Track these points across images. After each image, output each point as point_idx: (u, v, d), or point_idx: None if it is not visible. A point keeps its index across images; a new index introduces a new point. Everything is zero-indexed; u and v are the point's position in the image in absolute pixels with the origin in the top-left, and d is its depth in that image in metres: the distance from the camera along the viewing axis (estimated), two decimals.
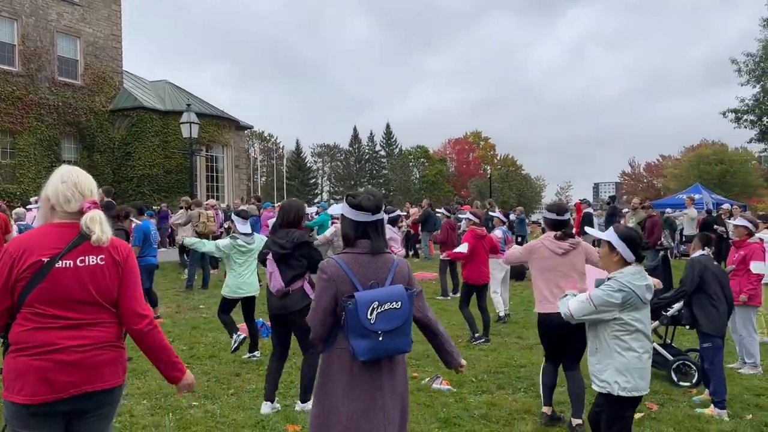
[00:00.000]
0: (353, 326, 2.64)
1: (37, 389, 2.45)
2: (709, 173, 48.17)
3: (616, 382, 3.46)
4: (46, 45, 22.24)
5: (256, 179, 61.15)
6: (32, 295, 2.49)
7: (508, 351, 7.34)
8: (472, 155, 74.88)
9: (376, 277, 2.76)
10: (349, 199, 2.84)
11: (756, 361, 6.51)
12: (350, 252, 2.81)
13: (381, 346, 2.67)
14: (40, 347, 2.48)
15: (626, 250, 3.50)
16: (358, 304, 2.63)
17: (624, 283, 3.41)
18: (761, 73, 30.37)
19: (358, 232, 2.82)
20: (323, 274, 2.76)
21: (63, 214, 2.65)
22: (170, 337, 7.99)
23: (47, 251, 2.53)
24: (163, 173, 23.80)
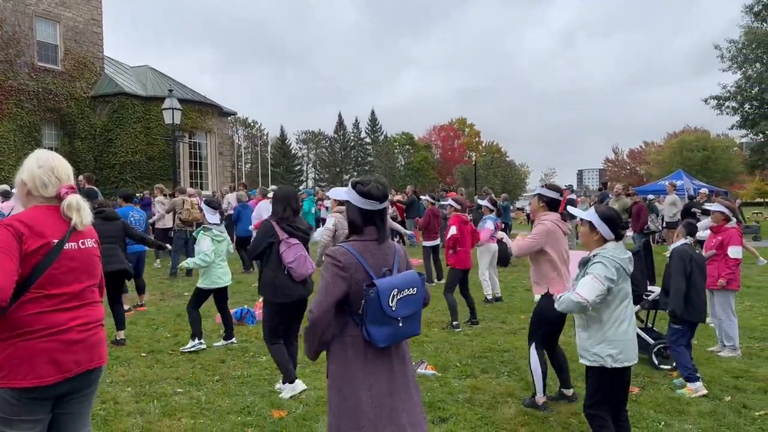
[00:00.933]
0: (374, 314, 2.63)
1: (45, 371, 2.49)
2: (692, 159, 48.62)
3: (609, 356, 3.54)
4: (25, 30, 21.80)
5: (240, 166, 60.75)
6: (44, 278, 2.51)
7: (492, 336, 7.41)
8: (458, 142, 74.99)
9: (385, 264, 2.78)
10: (358, 188, 2.80)
11: (735, 344, 6.62)
12: (359, 240, 2.79)
13: (400, 331, 2.72)
14: (48, 329, 2.51)
15: (606, 230, 3.62)
16: (380, 292, 2.62)
17: (611, 258, 3.51)
18: (743, 60, 30.61)
19: (365, 220, 2.81)
20: (336, 261, 2.68)
21: (41, 199, 2.65)
22: (154, 324, 7.96)
23: (56, 234, 2.58)
24: (146, 160, 23.54)
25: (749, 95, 30.94)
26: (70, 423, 2.70)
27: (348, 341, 2.73)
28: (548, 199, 5.05)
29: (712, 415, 4.81)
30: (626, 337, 3.57)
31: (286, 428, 4.48)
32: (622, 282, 3.57)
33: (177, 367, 6.10)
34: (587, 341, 3.63)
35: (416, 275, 2.82)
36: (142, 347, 6.83)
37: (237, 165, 54.95)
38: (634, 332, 3.65)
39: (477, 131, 76.67)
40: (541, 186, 5.39)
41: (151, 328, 7.74)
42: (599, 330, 3.58)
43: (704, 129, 58.37)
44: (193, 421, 4.65)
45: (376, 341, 2.66)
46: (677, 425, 4.61)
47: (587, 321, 3.64)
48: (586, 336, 3.64)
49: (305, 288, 5.27)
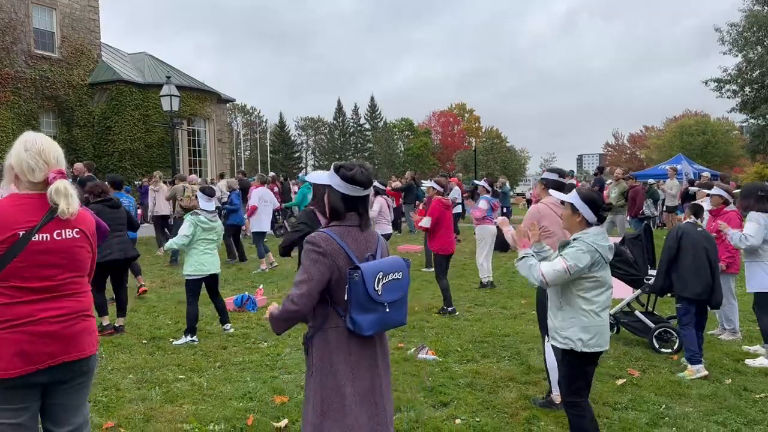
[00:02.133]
0: (359, 299, 2.53)
1: (11, 363, 2.42)
2: (692, 144, 48.51)
3: (579, 339, 3.49)
4: (21, 17, 21.65)
5: (239, 153, 60.62)
6: (8, 270, 2.42)
7: (493, 321, 7.42)
8: (457, 128, 74.80)
9: (368, 250, 2.70)
10: (342, 172, 2.68)
11: (735, 327, 6.64)
12: (340, 225, 2.69)
13: (387, 318, 2.63)
14: (14, 320, 2.43)
15: (588, 212, 3.57)
16: (364, 275, 2.52)
17: (590, 244, 3.46)
18: (744, 43, 30.47)
19: (348, 206, 2.70)
20: (315, 247, 2.58)
21: (28, 185, 2.55)
22: (155, 311, 7.97)
23: (22, 225, 2.45)
24: (145, 147, 23.48)
25: (750, 78, 30.83)
26: (60, 413, 2.65)
27: (330, 333, 2.63)
28: (549, 181, 4.99)
29: (712, 398, 4.83)
30: (602, 323, 3.52)
31: (288, 413, 4.49)
32: (599, 270, 3.50)
33: (178, 353, 6.11)
34: (559, 323, 3.59)
35: (401, 260, 2.73)
36: (143, 334, 6.84)
37: (236, 152, 54.82)
38: (607, 319, 3.60)
39: (477, 117, 76.45)
40: (543, 171, 5.37)
41: (152, 315, 7.75)
42: (572, 314, 3.53)
43: (704, 113, 58.19)
44: (195, 407, 4.67)
45: (362, 329, 2.56)
46: (678, 408, 4.63)
47: (561, 303, 3.60)
48: (560, 318, 3.59)
49: None
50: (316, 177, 2.94)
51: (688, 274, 5.49)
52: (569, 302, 3.55)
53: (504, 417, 4.47)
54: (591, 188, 9.99)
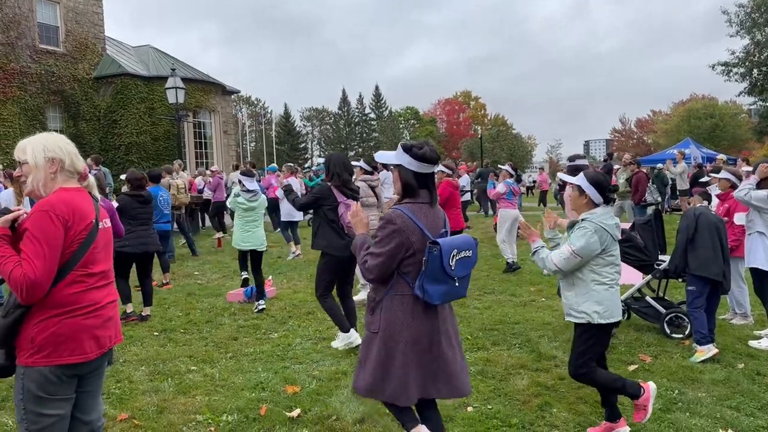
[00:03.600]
0: (433, 272, 2.76)
1: (88, 347, 2.56)
2: (699, 127, 48.11)
3: (595, 312, 3.66)
4: (25, 12, 21.62)
5: (245, 145, 60.62)
6: (87, 256, 2.57)
7: (502, 308, 7.41)
8: (463, 116, 74.46)
9: (439, 226, 2.92)
10: (414, 151, 2.86)
11: (747, 311, 6.60)
12: (412, 202, 2.89)
13: (455, 291, 2.89)
14: (90, 306, 2.58)
15: (595, 193, 3.72)
16: (443, 250, 2.74)
17: (597, 224, 3.62)
18: (752, 25, 30.11)
19: (420, 183, 2.90)
20: (391, 224, 2.81)
21: (69, 175, 2.67)
22: (166, 303, 8.01)
23: (92, 213, 2.64)
24: (151, 140, 23.47)
25: (758, 61, 30.49)
26: (89, 399, 2.74)
27: (396, 299, 2.87)
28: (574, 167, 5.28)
29: (725, 383, 4.81)
30: (612, 297, 3.70)
31: (300, 403, 4.51)
32: (609, 247, 3.67)
33: (190, 345, 6.14)
34: (574, 299, 3.75)
35: (472, 239, 2.96)
36: (155, 326, 6.87)
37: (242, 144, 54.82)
38: (618, 292, 3.79)
39: (482, 104, 76.07)
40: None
41: (162, 308, 7.78)
42: (585, 289, 3.70)
43: (711, 96, 57.64)
44: (208, 398, 4.69)
45: (432, 298, 2.79)
46: (691, 393, 4.61)
47: (573, 281, 3.76)
48: (573, 294, 3.76)
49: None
50: (383, 157, 3.13)
51: (706, 254, 5.46)
52: (582, 279, 3.72)
53: (516, 404, 4.47)
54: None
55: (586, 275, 3.70)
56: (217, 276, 10.16)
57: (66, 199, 2.54)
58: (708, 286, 5.50)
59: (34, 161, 2.60)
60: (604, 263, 3.69)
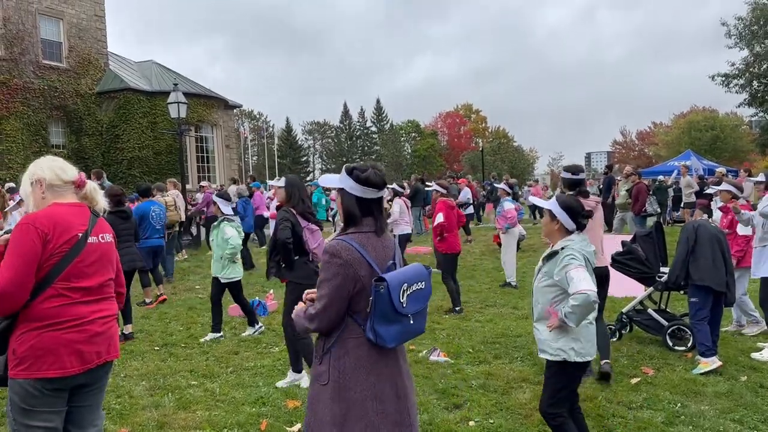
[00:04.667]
0: (383, 311, 2.41)
1: (69, 362, 2.54)
2: (700, 139, 48.18)
3: (572, 349, 3.39)
4: (29, 28, 21.81)
5: (247, 159, 60.81)
6: (69, 269, 2.56)
7: (504, 321, 7.39)
8: (464, 128, 74.65)
9: (388, 257, 2.57)
10: (355, 174, 2.54)
11: (757, 317, 6.54)
12: (358, 232, 2.54)
13: (410, 329, 2.53)
14: (72, 320, 2.56)
15: (566, 219, 3.50)
16: (390, 287, 2.38)
17: (578, 251, 3.37)
18: (751, 37, 30.24)
19: (364, 210, 2.56)
20: (336, 258, 2.43)
21: (60, 189, 2.69)
22: (167, 318, 8.00)
23: (79, 227, 2.63)
24: (153, 155, 23.57)
25: (757, 73, 30.59)
26: (86, 414, 2.74)
27: (349, 344, 2.49)
28: (569, 181, 5.19)
29: (728, 396, 4.78)
30: (589, 330, 3.44)
31: (301, 418, 4.48)
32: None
33: (190, 359, 6.13)
34: (548, 335, 3.45)
35: (423, 268, 2.62)
36: (156, 341, 6.86)
37: (244, 157, 55.00)
38: (594, 327, 3.51)
39: (483, 117, 76.28)
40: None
41: (163, 322, 7.77)
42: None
43: (712, 108, 57.78)
44: (209, 413, 4.67)
45: (386, 341, 2.44)
46: (694, 406, 4.59)
47: (549, 315, 3.47)
48: (547, 330, 3.46)
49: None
50: (327, 180, 2.80)
51: (707, 265, 5.44)
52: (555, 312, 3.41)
53: (518, 418, 4.45)
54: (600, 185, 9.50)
55: (561, 308, 3.38)
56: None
57: (50, 213, 2.57)
58: (710, 297, 5.48)
59: (24, 191, 2.73)
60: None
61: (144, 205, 9.10)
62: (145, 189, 9.51)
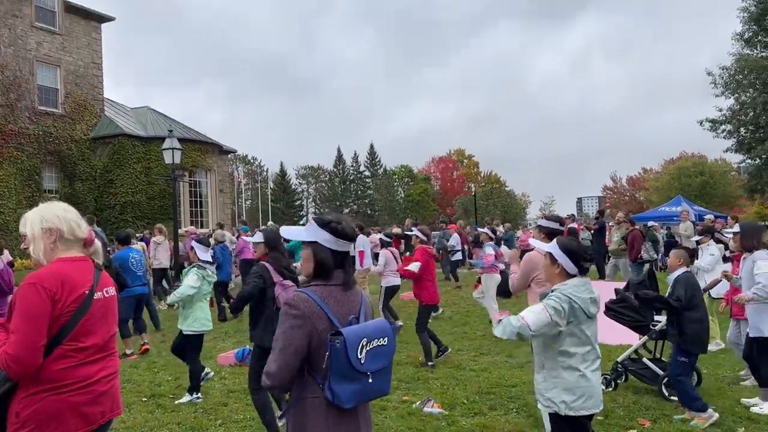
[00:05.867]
0: (339, 368, 2.29)
1: (73, 425, 2.46)
2: (690, 185, 48.72)
3: (562, 402, 3.29)
4: (26, 74, 22.10)
5: (240, 203, 60.91)
6: (78, 328, 2.49)
7: (499, 371, 7.29)
8: (456, 173, 75.33)
9: (351, 312, 2.49)
10: (332, 226, 2.49)
11: None
12: (322, 284, 2.48)
13: (369, 388, 2.40)
14: (80, 382, 2.49)
15: (568, 262, 3.39)
16: (347, 342, 2.29)
17: (567, 295, 3.26)
18: (736, 86, 30.94)
19: (336, 262, 2.50)
20: (293, 309, 2.36)
21: (70, 243, 2.64)
22: (155, 367, 7.85)
23: (85, 284, 2.57)
24: (146, 200, 23.62)
25: (744, 120, 31.19)
26: None
27: (307, 404, 2.37)
28: (548, 230, 4.91)
29: None
30: (586, 382, 3.29)
31: None
32: (579, 324, 3.29)
33: (179, 411, 5.99)
34: (542, 384, 3.38)
35: (386, 324, 2.54)
36: (143, 391, 6.72)
37: (237, 202, 55.08)
38: (597, 379, 3.38)
39: (475, 162, 77.11)
40: (540, 217, 5.41)
41: (152, 372, 7.62)
42: (555, 374, 3.32)
43: (701, 154, 58.67)
44: None
45: (342, 401, 2.31)
46: None
47: (542, 363, 3.40)
48: (541, 379, 3.40)
49: None
50: (292, 233, 2.73)
51: (701, 328, 5.35)
52: (551, 361, 3.36)
53: None
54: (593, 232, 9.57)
55: (555, 357, 3.31)
56: (208, 337, 9.97)
57: (57, 271, 2.50)
58: (697, 356, 5.47)
59: (32, 233, 2.63)
60: (576, 342, 3.30)
61: (122, 253, 8.99)
62: (124, 237, 9.40)
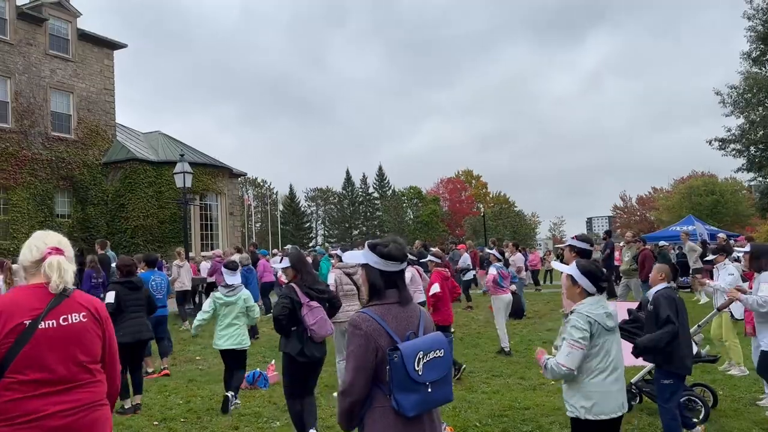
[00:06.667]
0: (400, 381, 2.51)
1: None
2: (701, 204, 48.45)
3: (582, 407, 3.59)
4: (40, 101, 22.42)
5: (250, 225, 61.12)
6: (17, 361, 2.36)
7: (511, 393, 7.22)
8: (465, 194, 75.35)
9: (409, 327, 2.69)
10: (378, 249, 2.73)
11: None
12: (380, 303, 2.70)
13: (430, 398, 2.59)
14: (25, 416, 2.36)
15: (587, 282, 3.73)
16: (404, 356, 2.50)
17: (585, 314, 3.60)
18: (745, 105, 30.89)
19: (387, 282, 2.73)
20: (357, 329, 2.60)
21: (31, 269, 2.56)
22: (166, 390, 7.84)
23: (28, 313, 2.42)
24: (157, 223, 23.74)
25: (754, 139, 31.07)
26: None
27: (377, 413, 2.60)
28: (579, 249, 5.18)
29: None
30: (603, 388, 3.59)
31: None
32: (598, 337, 3.61)
33: None
34: (566, 392, 3.73)
35: (442, 337, 2.73)
36: (154, 415, 6.70)
37: (247, 225, 55.29)
38: (616, 384, 3.65)
39: (484, 183, 77.16)
40: (572, 237, 5.61)
41: (163, 395, 7.61)
42: (574, 381, 3.64)
43: (711, 173, 58.42)
44: None
45: (405, 410, 2.52)
46: None
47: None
48: (566, 387, 3.73)
49: (323, 348, 5.59)
50: (352, 257, 2.99)
51: (687, 349, 5.07)
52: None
53: None
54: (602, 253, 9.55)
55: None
56: (219, 361, 9.90)
57: (4, 300, 2.44)
58: (684, 378, 5.21)
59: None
60: (594, 353, 3.62)
61: (144, 275, 9.09)
62: (153, 259, 9.53)
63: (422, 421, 2.64)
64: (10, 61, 21.49)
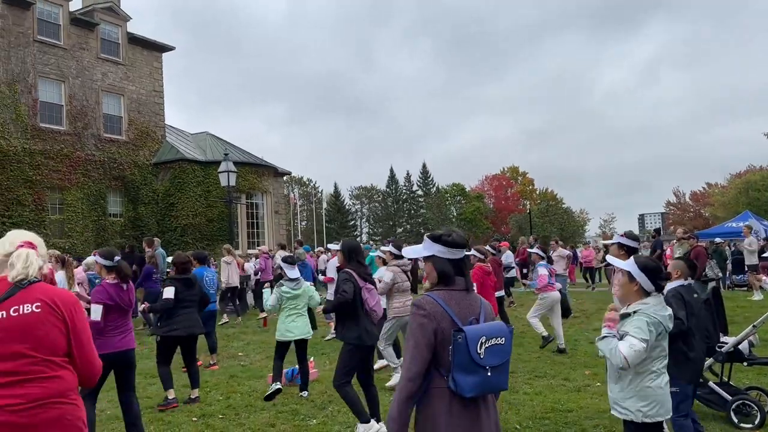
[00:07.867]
0: (461, 362, 2.62)
1: None
2: (759, 199, 46.46)
3: (639, 410, 3.46)
4: (92, 104, 23.15)
5: (296, 224, 61.82)
6: None
7: (554, 394, 7.01)
8: (511, 191, 74.33)
9: (471, 313, 2.78)
10: (443, 239, 2.85)
11: None
12: (445, 289, 2.81)
13: (488, 381, 2.68)
14: None
15: (645, 280, 3.51)
16: (468, 338, 2.61)
17: (652, 315, 3.42)
18: None
19: (456, 270, 2.84)
20: (421, 310, 2.72)
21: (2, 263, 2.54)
22: (207, 386, 7.92)
23: None
24: (206, 222, 24.23)
25: None
26: None
27: (434, 393, 2.70)
28: (628, 247, 5.18)
29: None
30: (660, 391, 3.50)
31: None
32: (662, 340, 3.50)
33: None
34: (619, 394, 3.56)
35: (504, 326, 2.81)
36: (194, 411, 6.77)
37: (293, 223, 55.94)
38: (669, 387, 3.58)
39: (530, 179, 75.94)
40: (620, 235, 5.51)
41: (203, 391, 7.69)
42: (631, 384, 3.50)
43: None
44: None
45: (463, 390, 2.62)
46: None
47: (620, 374, 3.54)
48: (618, 389, 3.56)
49: (377, 334, 5.92)
50: (412, 252, 3.08)
51: (698, 353, 4.63)
52: (626, 373, 3.49)
53: None
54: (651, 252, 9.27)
55: (631, 369, 3.46)
56: (261, 357, 10.06)
57: None
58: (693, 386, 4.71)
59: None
60: (654, 357, 3.48)
61: (197, 271, 9.29)
62: (203, 257, 9.74)
63: (477, 405, 2.72)
64: (64, 66, 22.25)
